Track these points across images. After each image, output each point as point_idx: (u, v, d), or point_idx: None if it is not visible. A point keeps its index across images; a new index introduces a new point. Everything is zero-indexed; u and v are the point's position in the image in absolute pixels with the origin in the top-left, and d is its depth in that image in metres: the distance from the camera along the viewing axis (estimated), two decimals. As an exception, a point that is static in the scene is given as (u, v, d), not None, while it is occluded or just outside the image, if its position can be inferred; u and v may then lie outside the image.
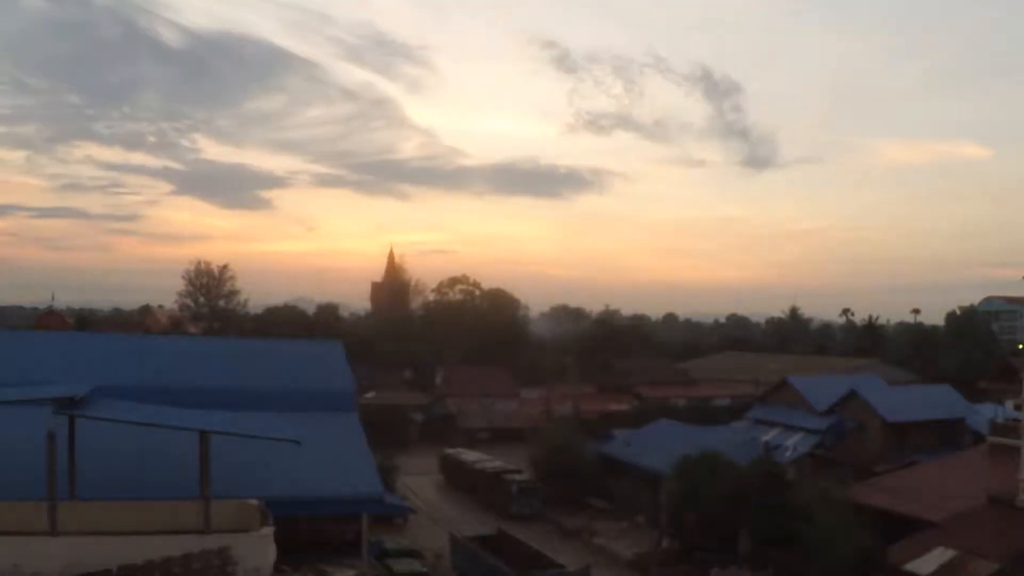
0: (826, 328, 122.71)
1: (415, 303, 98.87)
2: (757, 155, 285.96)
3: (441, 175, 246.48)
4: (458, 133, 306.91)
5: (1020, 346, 75.17)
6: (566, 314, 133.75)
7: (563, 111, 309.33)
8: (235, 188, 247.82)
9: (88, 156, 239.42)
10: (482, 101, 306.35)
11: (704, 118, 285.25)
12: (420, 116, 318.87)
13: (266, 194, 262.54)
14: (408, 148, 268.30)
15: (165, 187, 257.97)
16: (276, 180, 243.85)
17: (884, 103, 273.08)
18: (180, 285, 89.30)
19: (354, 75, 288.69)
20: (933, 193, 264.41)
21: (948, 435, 44.33)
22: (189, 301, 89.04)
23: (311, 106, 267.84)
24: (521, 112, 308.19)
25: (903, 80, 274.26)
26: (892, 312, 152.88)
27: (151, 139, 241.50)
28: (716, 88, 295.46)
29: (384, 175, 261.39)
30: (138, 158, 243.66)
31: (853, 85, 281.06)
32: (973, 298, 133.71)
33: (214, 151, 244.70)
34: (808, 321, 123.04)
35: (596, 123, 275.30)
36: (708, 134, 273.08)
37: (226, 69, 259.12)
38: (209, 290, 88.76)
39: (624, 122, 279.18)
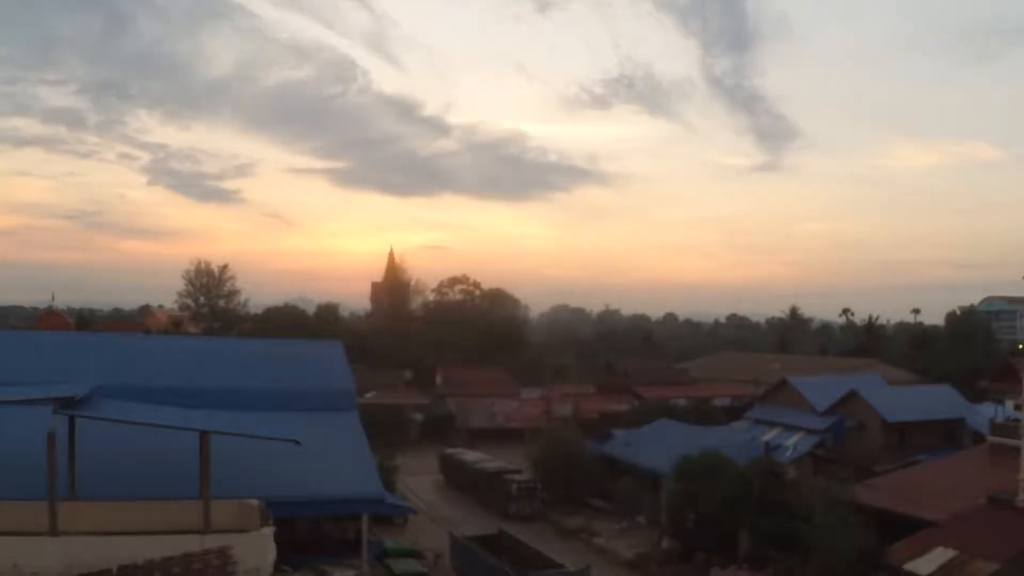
0: (826, 328, 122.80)
1: (415, 303, 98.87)
2: (764, 135, 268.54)
3: (420, 160, 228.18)
4: (433, 103, 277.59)
5: (1020, 346, 75.21)
6: (566, 314, 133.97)
7: (546, 73, 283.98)
8: (200, 178, 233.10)
9: (36, 137, 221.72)
10: (454, 56, 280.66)
11: (704, 81, 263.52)
12: (384, 80, 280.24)
13: (231, 184, 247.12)
14: (379, 125, 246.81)
15: (129, 177, 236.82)
16: (240, 169, 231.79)
17: (894, 99, 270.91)
18: (174, 285, 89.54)
19: (299, 27, 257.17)
20: (935, 193, 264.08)
21: (948, 435, 44.40)
22: (189, 301, 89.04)
23: (260, 70, 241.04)
24: (502, 72, 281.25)
25: (912, 75, 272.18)
26: (892, 312, 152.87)
27: (93, 117, 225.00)
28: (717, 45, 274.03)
29: (357, 159, 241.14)
30: (89, 140, 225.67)
31: (862, 78, 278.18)
32: (973, 298, 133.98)
33: (165, 132, 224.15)
34: (808, 321, 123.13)
35: (589, 91, 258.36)
36: (709, 102, 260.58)
37: (147, 21, 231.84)
38: (209, 290, 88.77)
39: (618, 90, 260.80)
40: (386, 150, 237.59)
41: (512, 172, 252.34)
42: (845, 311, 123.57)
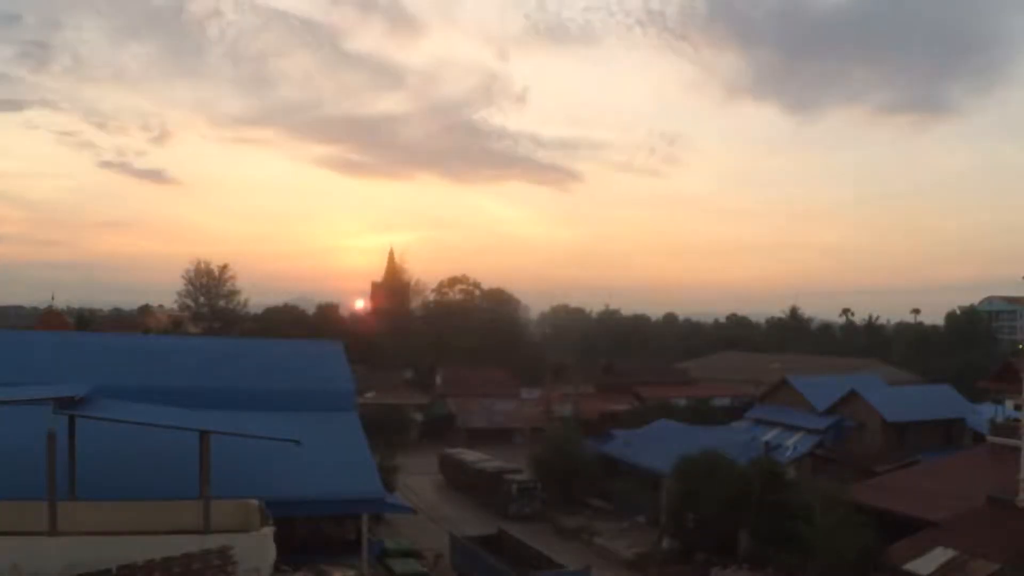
0: (826, 328, 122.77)
1: (415, 303, 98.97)
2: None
3: (364, 123, 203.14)
4: (366, 41, 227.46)
5: (1020, 346, 75.18)
6: (566, 314, 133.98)
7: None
8: (121, 152, 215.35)
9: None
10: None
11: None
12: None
13: (153, 161, 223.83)
14: (299, 66, 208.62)
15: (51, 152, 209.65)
16: (157, 140, 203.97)
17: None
18: (174, 285, 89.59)
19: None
20: (936, 192, 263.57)
21: (948, 435, 44.41)
22: (189, 301, 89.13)
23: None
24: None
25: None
26: (892, 312, 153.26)
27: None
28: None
29: (275, 118, 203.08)
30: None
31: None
32: (973, 298, 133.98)
33: (49, 82, 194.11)
34: (808, 321, 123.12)
35: (559, 19, 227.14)
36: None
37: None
38: (209, 290, 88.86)
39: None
40: (310, 109, 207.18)
41: (478, 143, 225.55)
42: (845, 311, 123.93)
